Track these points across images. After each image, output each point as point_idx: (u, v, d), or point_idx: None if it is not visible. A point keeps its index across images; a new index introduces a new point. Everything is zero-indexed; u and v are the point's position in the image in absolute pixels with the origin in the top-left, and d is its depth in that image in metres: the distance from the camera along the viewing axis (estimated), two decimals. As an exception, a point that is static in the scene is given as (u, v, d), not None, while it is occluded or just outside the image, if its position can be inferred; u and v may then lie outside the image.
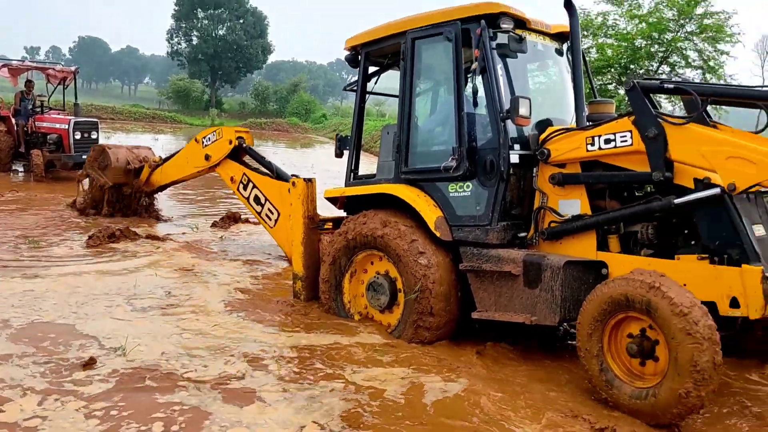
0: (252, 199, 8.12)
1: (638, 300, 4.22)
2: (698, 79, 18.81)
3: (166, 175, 9.64)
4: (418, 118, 6.05)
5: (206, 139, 8.78)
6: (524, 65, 6.04)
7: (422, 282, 5.43)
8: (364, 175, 6.63)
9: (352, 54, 6.54)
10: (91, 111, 40.04)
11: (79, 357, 4.80)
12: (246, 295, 6.86)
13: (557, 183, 5.17)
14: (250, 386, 4.49)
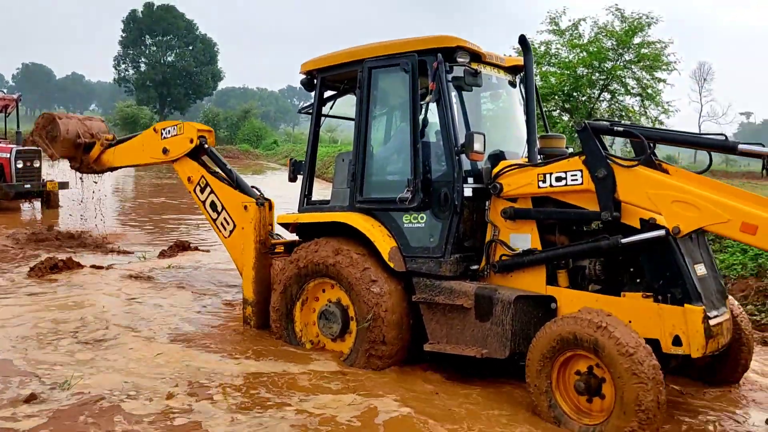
0: (208, 204, 7.66)
1: (586, 339, 4.33)
2: (637, 106, 19.55)
3: (118, 157, 8.87)
4: (373, 147, 6.07)
5: (166, 131, 8.10)
6: (478, 97, 6.15)
7: (375, 310, 5.42)
8: (317, 200, 6.62)
9: (307, 78, 6.53)
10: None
11: (19, 393, 4.64)
12: (193, 324, 6.72)
13: (509, 217, 5.27)
14: (195, 419, 4.41)
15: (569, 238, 5.22)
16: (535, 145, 5.47)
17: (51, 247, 10.17)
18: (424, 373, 5.52)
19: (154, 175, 29.99)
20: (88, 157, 9.11)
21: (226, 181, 7.52)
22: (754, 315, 8.15)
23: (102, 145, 8.96)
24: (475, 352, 5.10)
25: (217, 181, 7.56)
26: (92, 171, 9.31)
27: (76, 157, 9.19)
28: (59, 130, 9.04)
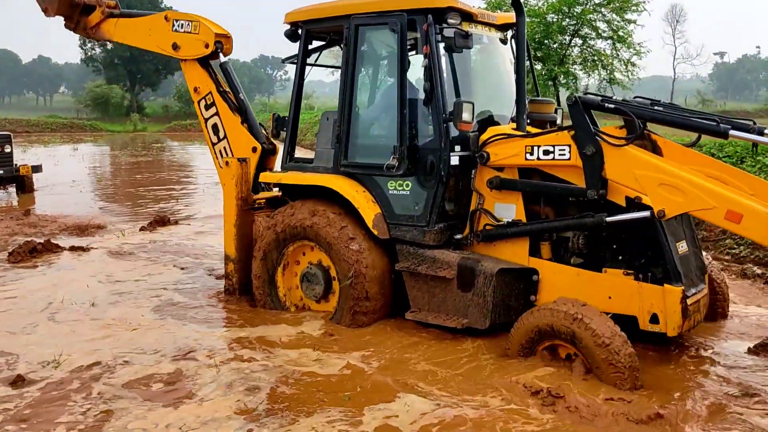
0: (210, 125, 7.19)
1: (563, 331, 4.42)
2: (608, 50, 19.52)
3: (120, 31, 8.00)
4: (359, 108, 5.92)
5: (178, 23, 7.21)
6: (468, 56, 5.99)
7: (355, 267, 5.44)
8: (300, 158, 6.50)
9: (292, 29, 6.30)
10: (5, 125, 38.31)
11: (8, 375, 4.66)
12: (175, 295, 6.76)
13: (494, 187, 5.23)
14: (181, 379, 4.63)
15: (554, 211, 5.20)
16: (524, 112, 5.33)
17: (29, 232, 10.04)
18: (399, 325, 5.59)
19: (128, 153, 29.65)
20: (86, 20, 8.18)
21: (235, 109, 7.05)
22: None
23: (103, 13, 8.06)
24: (456, 323, 5.15)
25: (226, 107, 7.05)
26: (88, 36, 8.53)
27: (72, 17, 8.18)
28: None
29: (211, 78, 7.20)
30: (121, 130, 49.76)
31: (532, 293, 5.14)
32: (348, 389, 4.44)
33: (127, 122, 53.54)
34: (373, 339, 5.34)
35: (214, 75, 7.24)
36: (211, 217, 10.93)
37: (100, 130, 48.80)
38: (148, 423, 3.99)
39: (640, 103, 4.88)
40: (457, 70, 5.62)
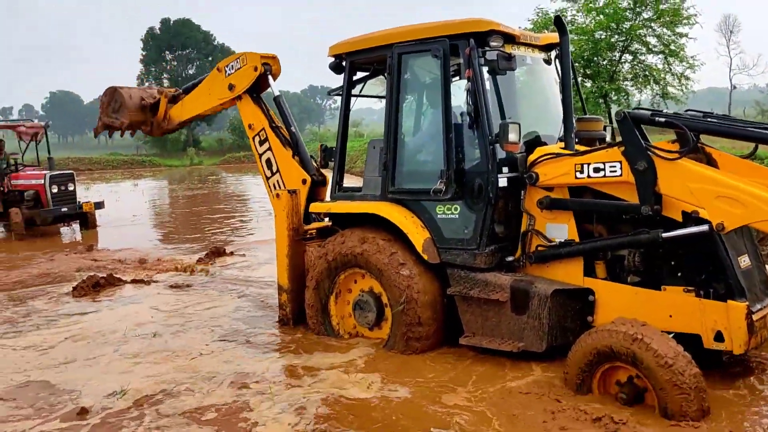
0: (264, 160, 7.45)
1: (623, 352, 4.26)
2: (661, 64, 19.13)
3: (186, 109, 8.49)
4: (405, 135, 5.98)
5: (229, 67, 7.65)
6: (513, 78, 5.99)
7: (407, 293, 5.43)
8: (349, 187, 6.58)
9: (336, 61, 6.40)
10: (68, 164, 39.84)
11: (72, 407, 4.81)
12: (233, 325, 6.87)
13: (545, 207, 5.18)
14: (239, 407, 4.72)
15: (608, 229, 5.09)
16: (572, 130, 5.28)
17: (92, 266, 10.42)
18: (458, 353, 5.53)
19: (186, 186, 30.48)
20: (156, 117, 8.78)
21: (286, 143, 7.25)
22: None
23: (166, 97, 8.65)
24: (511, 347, 5.07)
25: (278, 141, 7.27)
26: (164, 131, 8.96)
27: (146, 120, 8.84)
28: (122, 98, 8.79)
29: (264, 114, 7.43)
30: (178, 164, 51.25)
31: (589, 314, 5.03)
32: (394, 417, 4.42)
33: (184, 156, 55.12)
34: (423, 366, 5.30)
35: (267, 111, 7.46)
36: (265, 248, 11.11)
37: (158, 165, 50.39)
38: None
39: (692, 116, 4.76)
40: (501, 92, 5.60)
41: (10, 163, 15.49)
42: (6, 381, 5.43)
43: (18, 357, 6.05)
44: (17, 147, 16.67)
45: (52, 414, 4.73)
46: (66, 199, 14.84)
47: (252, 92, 7.49)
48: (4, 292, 8.85)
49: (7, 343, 6.52)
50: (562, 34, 5.34)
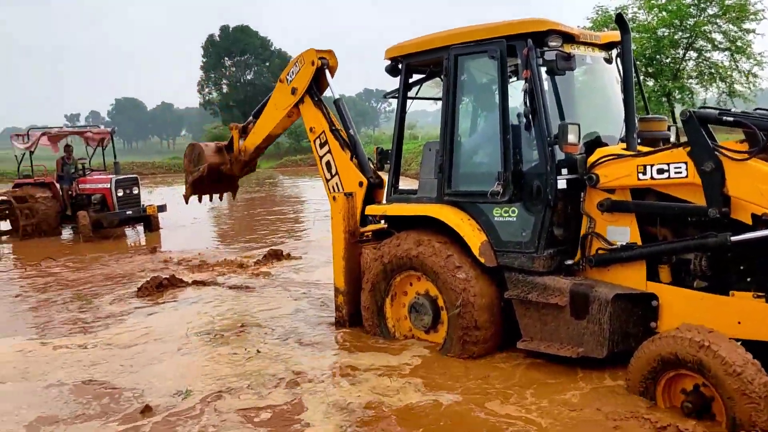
0: (324, 162, 7.58)
1: (689, 360, 4.12)
2: (726, 62, 18.44)
3: (257, 132, 8.69)
4: (461, 137, 5.93)
5: (290, 74, 7.87)
6: (572, 78, 5.89)
7: (463, 296, 5.39)
8: (404, 189, 6.59)
9: (392, 64, 6.45)
10: (133, 168, 41.12)
11: (136, 406, 4.95)
12: (290, 326, 6.96)
13: (606, 209, 5.06)
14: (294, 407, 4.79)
15: (672, 232, 4.92)
16: (634, 131, 5.13)
17: (155, 268, 10.73)
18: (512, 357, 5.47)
19: (243, 190, 31.04)
20: (233, 153, 9.14)
21: (345, 146, 7.36)
22: None
23: (237, 129, 9.00)
24: (570, 352, 4.96)
25: (337, 144, 7.39)
26: (242, 165, 9.18)
27: (224, 161, 9.22)
28: (200, 147, 9.34)
29: (325, 117, 7.54)
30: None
31: (652, 320, 4.87)
32: (441, 423, 4.41)
33: (242, 160, 56.12)
34: (477, 371, 5.25)
35: (328, 114, 7.57)
36: (321, 250, 11.22)
37: (217, 169, 51.47)
38: None
39: (761, 114, 4.55)
40: (560, 92, 5.50)
41: (78, 168, 16.13)
42: (71, 378, 5.63)
43: (84, 355, 6.27)
44: (85, 152, 17.35)
45: (116, 413, 4.87)
46: (131, 202, 15.35)
47: (313, 95, 7.60)
48: (72, 291, 9.21)
49: (73, 341, 6.76)
50: (623, 32, 5.20)
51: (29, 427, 4.68)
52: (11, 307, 8.57)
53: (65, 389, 5.37)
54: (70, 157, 16.19)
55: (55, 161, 16.37)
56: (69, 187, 15.61)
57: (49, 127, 16.66)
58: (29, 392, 5.34)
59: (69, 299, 8.75)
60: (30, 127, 17.10)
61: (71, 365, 5.99)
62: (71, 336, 6.99)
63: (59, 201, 15.62)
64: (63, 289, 9.42)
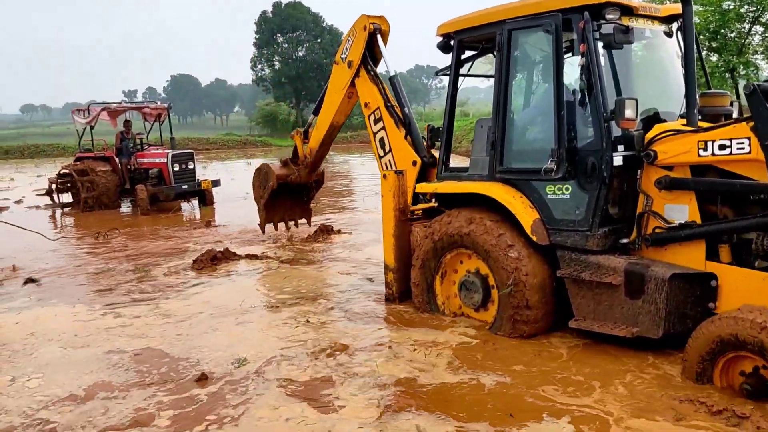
0: (378, 139, 7.58)
1: (750, 341, 4.01)
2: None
3: (319, 126, 8.72)
4: (514, 113, 5.83)
5: (344, 51, 7.93)
6: (630, 52, 5.71)
7: (515, 275, 5.34)
8: (455, 167, 6.54)
9: (444, 41, 6.36)
10: (188, 143, 42.02)
11: (192, 374, 5.11)
12: (339, 300, 7.07)
13: (664, 187, 4.92)
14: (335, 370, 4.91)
15: (733, 210, 4.76)
16: (695, 106, 4.94)
17: (210, 241, 10.99)
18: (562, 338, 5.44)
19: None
20: (299, 160, 9.43)
21: (399, 123, 7.33)
22: None
23: (298, 133, 9.22)
24: (625, 332, 4.85)
25: (392, 122, 7.39)
26: (309, 167, 9.36)
27: (291, 172, 9.51)
28: (266, 167, 9.68)
29: (380, 93, 7.56)
30: (288, 144, 52.62)
31: (711, 300, 4.74)
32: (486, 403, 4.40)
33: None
34: (525, 351, 5.22)
35: (383, 90, 7.59)
36: (371, 226, 11.28)
37: (269, 145, 52.12)
38: (277, 414, 4.34)
39: None
40: (617, 68, 5.32)
41: (136, 143, 16.56)
42: (130, 346, 5.83)
43: (142, 324, 6.49)
44: (143, 127, 17.79)
45: (172, 381, 5.03)
46: (186, 176, 15.72)
47: (368, 67, 7.61)
48: (131, 263, 9.53)
49: (132, 311, 7.01)
50: (685, 4, 5.00)
51: (87, 390, 4.87)
52: (73, 276, 8.92)
53: (125, 356, 5.57)
54: (129, 132, 16.64)
55: (115, 136, 16.84)
56: (128, 161, 16.07)
57: (109, 103, 17.11)
58: (90, 359, 5.55)
59: (128, 270, 9.05)
60: (90, 102, 17.58)
61: (130, 334, 6.21)
62: (130, 306, 7.23)
63: (118, 175, 16.10)
64: (122, 261, 9.74)
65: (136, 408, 4.52)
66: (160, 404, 4.57)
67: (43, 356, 5.66)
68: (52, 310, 7.14)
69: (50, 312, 7.07)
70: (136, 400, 4.65)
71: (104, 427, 4.24)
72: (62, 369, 5.33)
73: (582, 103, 5.15)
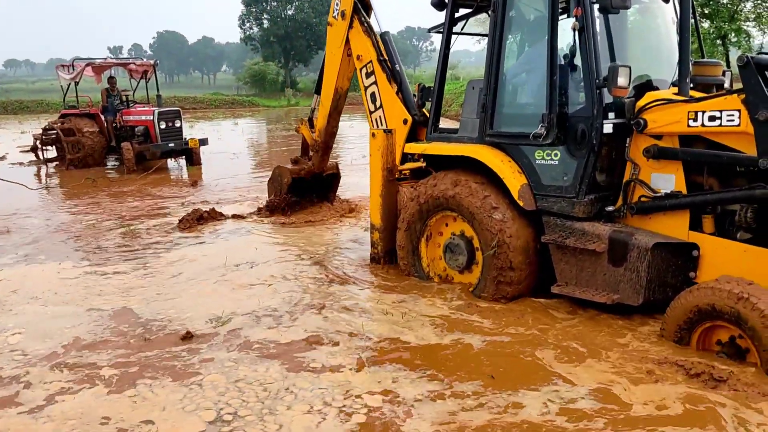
0: (369, 93, 7.48)
1: (726, 311, 4.06)
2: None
3: (323, 100, 8.48)
4: (505, 76, 5.74)
5: (336, 5, 7.81)
6: (625, 18, 5.63)
7: (499, 237, 5.36)
8: (445, 129, 6.48)
9: None
10: (174, 102, 41.40)
11: (177, 332, 5.11)
12: (327, 261, 7.08)
13: (652, 156, 4.90)
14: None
15: (719, 181, 4.77)
16: (687, 75, 4.89)
17: (196, 201, 10.93)
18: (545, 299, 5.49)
19: (283, 126, 31.13)
20: (309, 148, 9.18)
21: (392, 79, 7.28)
22: None
23: (303, 123, 9.06)
24: (605, 299, 4.92)
25: (384, 76, 7.29)
26: (319, 151, 8.99)
27: (304, 166, 9.31)
28: (277, 169, 9.51)
29: (374, 46, 7.45)
30: (276, 105, 52.29)
31: (692, 270, 4.80)
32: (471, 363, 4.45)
33: (282, 97, 56.15)
34: (509, 316, 5.26)
35: (377, 44, 7.47)
36: (358, 188, 11.24)
37: (257, 105, 51.61)
38: (258, 374, 4.34)
39: None
40: (612, 33, 5.24)
41: (122, 100, 16.29)
42: (111, 305, 5.82)
43: (125, 282, 6.49)
44: (128, 85, 17.51)
45: (155, 338, 5.05)
46: (173, 135, 15.47)
47: (361, 18, 7.53)
48: (115, 221, 9.48)
49: (114, 268, 7.00)
50: None
51: (67, 347, 4.87)
52: (57, 233, 8.87)
53: (105, 314, 5.57)
54: (114, 88, 16.38)
55: (100, 93, 16.56)
56: (113, 119, 15.81)
57: (93, 59, 16.77)
58: (71, 315, 5.55)
59: (112, 228, 9.01)
60: (75, 58, 17.23)
61: (112, 291, 6.21)
62: (113, 264, 7.23)
63: (104, 133, 15.86)
64: (107, 219, 9.69)
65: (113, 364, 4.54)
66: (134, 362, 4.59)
67: (25, 313, 5.67)
68: (39, 267, 7.14)
69: (37, 270, 7.07)
70: (112, 357, 4.68)
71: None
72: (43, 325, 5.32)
73: (574, 69, 5.09)
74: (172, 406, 3.91)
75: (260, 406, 3.89)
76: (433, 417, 3.73)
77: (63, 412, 3.87)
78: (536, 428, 3.60)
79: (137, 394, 4.08)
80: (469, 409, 3.82)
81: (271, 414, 3.79)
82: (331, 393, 4.03)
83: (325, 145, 8.98)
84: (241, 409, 3.85)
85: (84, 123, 15.78)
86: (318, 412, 3.82)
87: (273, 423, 3.69)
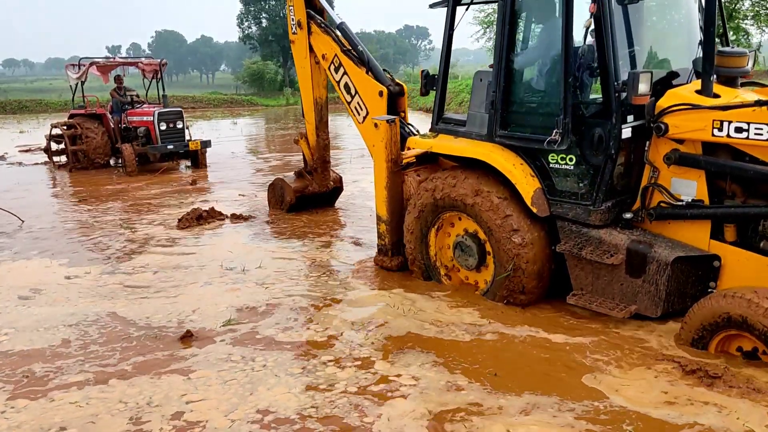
0: (342, 85, 7.50)
1: (758, 328, 3.93)
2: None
3: (307, 114, 8.83)
4: (516, 74, 5.38)
5: (292, 20, 8.16)
6: (642, 8, 5.24)
7: (515, 261, 5.18)
8: (451, 118, 6.13)
9: None
10: (174, 101, 41.25)
11: (177, 332, 5.11)
12: (329, 257, 7.15)
13: (673, 162, 4.67)
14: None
15: (743, 190, 4.57)
16: (711, 72, 4.57)
17: (195, 201, 10.94)
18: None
19: (281, 125, 31.11)
20: (313, 167, 9.21)
21: (358, 62, 7.33)
22: None
23: (302, 138, 9.12)
24: (623, 313, 4.72)
25: (351, 62, 7.36)
26: (320, 159, 9.15)
27: (307, 182, 9.31)
28: (281, 181, 9.47)
29: (335, 41, 7.64)
30: (274, 104, 52.14)
31: (712, 279, 4.65)
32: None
33: (280, 96, 56.01)
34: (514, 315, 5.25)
35: (338, 38, 7.66)
36: (359, 184, 11.25)
37: (256, 104, 51.43)
38: (258, 374, 4.36)
39: None
40: (632, 30, 4.90)
41: (130, 101, 15.73)
42: (113, 305, 5.82)
43: (123, 281, 6.49)
44: (138, 84, 17.25)
45: (155, 338, 5.04)
46: (174, 136, 15.08)
47: (317, 21, 7.85)
48: (116, 221, 9.47)
49: (116, 267, 6.98)
50: None
51: (63, 344, 4.91)
52: (57, 232, 8.81)
53: (103, 314, 5.58)
54: (121, 87, 16.07)
55: (109, 92, 16.30)
56: (120, 118, 15.51)
57: (98, 58, 16.54)
58: (68, 314, 5.56)
59: (112, 228, 8.98)
60: (83, 58, 16.77)
61: (112, 290, 6.22)
62: (110, 263, 7.21)
63: (110, 134, 15.50)
64: (108, 219, 9.64)
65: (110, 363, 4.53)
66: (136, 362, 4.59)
67: (9, 313, 5.70)
68: (26, 263, 7.24)
69: (23, 265, 7.19)
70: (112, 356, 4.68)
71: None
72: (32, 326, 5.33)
73: (592, 74, 4.86)
74: (172, 407, 3.93)
75: (260, 406, 3.91)
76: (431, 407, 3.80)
77: (63, 413, 3.89)
78: (527, 421, 3.63)
79: (138, 394, 4.07)
80: (467, 403, 3.86)
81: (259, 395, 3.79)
82: (332, 391, 4.06)
83: (322, 161, 9.15)
84: (239, 409, 3.87)
85: (89, 124, 15.51)
86: (318, 412, 3.84)
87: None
